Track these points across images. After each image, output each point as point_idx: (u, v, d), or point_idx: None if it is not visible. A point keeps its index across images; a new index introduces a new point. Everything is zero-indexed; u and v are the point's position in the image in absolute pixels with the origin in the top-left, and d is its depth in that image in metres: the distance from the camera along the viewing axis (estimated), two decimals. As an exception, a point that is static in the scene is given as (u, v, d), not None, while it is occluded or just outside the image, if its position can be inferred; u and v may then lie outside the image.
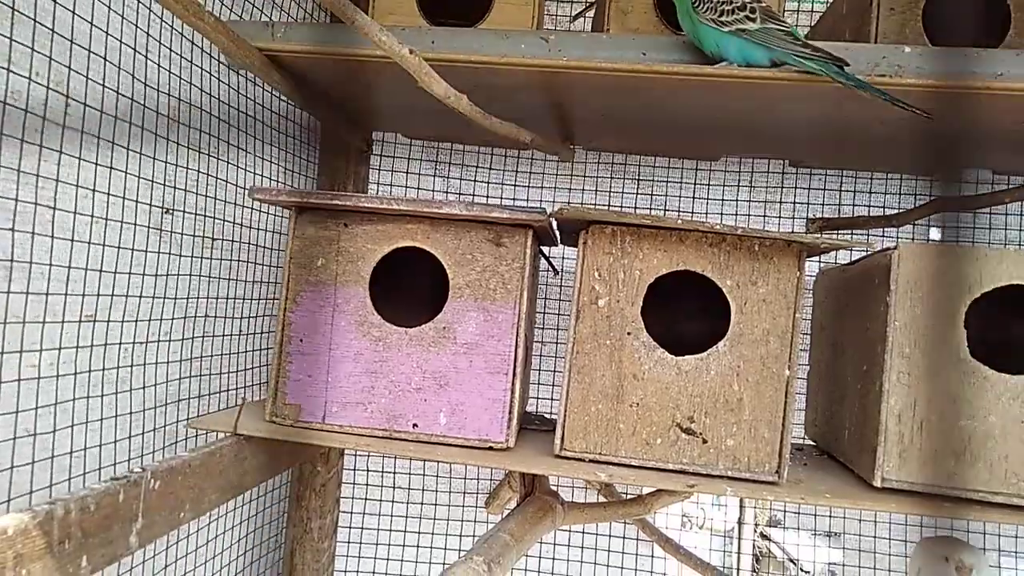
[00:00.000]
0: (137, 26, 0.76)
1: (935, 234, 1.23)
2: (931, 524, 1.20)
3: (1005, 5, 0.88)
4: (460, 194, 1.31)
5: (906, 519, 1.23)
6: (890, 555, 1.23)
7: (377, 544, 1.32)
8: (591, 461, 0.77)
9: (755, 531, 1.44)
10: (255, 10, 1.00)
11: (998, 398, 0.72)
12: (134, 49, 0.76)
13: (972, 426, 0.72)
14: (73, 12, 0.67)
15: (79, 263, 0.71)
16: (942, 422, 0.73)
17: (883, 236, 1.23)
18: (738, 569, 1.41)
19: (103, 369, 0.76)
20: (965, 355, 0.73)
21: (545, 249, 0.98)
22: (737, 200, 1.27)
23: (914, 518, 1.21)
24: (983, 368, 0.73)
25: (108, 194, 0.73)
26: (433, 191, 1.31)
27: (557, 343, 1.28)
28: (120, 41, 0.73)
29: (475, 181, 1.31)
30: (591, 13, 1.28)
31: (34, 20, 0.64)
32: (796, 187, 1.27)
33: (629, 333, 0.76)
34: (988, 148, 1.04)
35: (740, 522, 1.45)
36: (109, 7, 0.72)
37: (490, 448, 0.78)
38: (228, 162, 0.95)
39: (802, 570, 1.33)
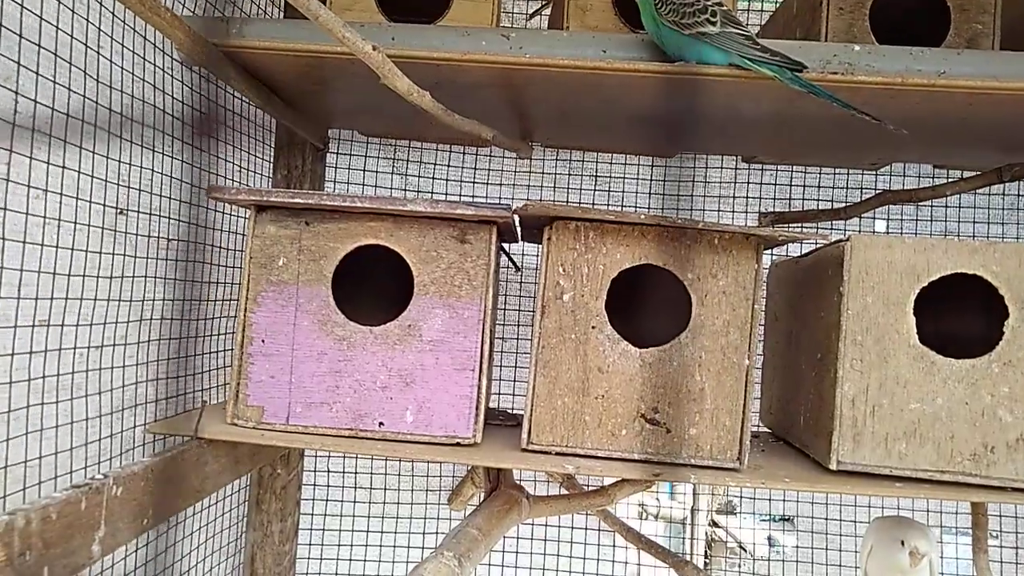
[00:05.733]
0: (88, 21, 0.74)
1: (881, 226, 1.28)
2: (880, 504, 1.24)
3: (945, 6, 0.92)
4: (418, 191, 1.30)
5: (855, 500, 1.27)
6: (841, 535, 1.28)
7: (339, 545, 1.31)
8: (558, 454, 0.78)
9: (707, 518, 1.48)
10: (208, 5, 0.98)
11: (944, 381, 0.76)
12: (86, 45, 0.73)
13: (921, 409, 0.76)
14: (21, 6, 0.65)
15: (31, 266, 0.69)
16: (893, 406, 0.76)
17: (832, 228, 1.27)
18: (692, 555, 1.44)
19: (58, 375, 0.73)
20: (914, 341, 0.76)
21: (506, 245, 0.98)
22: (692, 195, 1.30)
23: (865, 499, 1.26)
24: (930, 353, 0.76)
25: (61, 194, 0.71)
26: (391, 189, 1.31)
27: (518, 339, 1.29)
28: (71, 36, 0.71)
29: (433, 178, 1.31)
30: (547, 11, 1.28)
31: (-21, 14, 0.62)
32: (749, 182, 1.30)
33: (594, 327, 0.78)
34: (930, 143, 1.08)
35: (694, 510, 1.48)
36: (59, 1, 0.69)
37: (457, 444, 0.78)
38: (183, 161, 0.93)
39: (751, 555, 1.36)
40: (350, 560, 1.31)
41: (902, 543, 0.88)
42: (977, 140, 1.04)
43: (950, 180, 1.22)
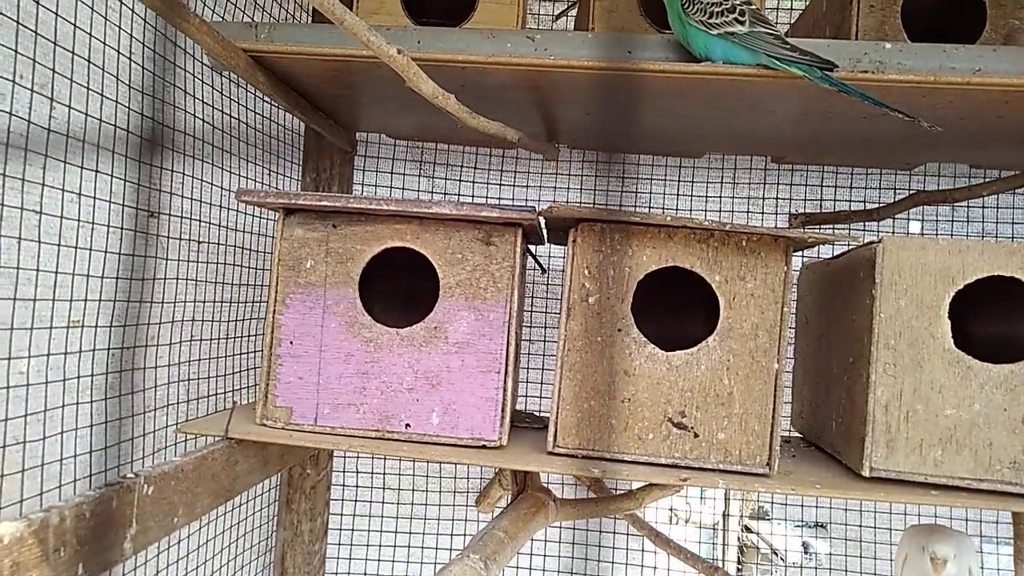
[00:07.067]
0: (120, 28, 0.75)
1: (915, 227, 1.25)
2: (916, 512, 1.22)
3: (981, 2, 0.90)
4: (445, 194, 1.31)
5: (890, 507, 1.25)
6: (875, 543, 1.25)
7: (368, 545, 1.32)
8: (584, 457, 0.77)
9: (739, 523, 1.46)
10: (236, 10, 0.99)
11: (981, 387, 0.74)
12: (118, 51, 0.75)
13: (957, 415, 0.74)
14: (56, 14, 0.67)
15: (66, 268, 0.70)
16: (928, 411, 0.74)
17: (864, 230, 1.24)
18: (724, 561, 1.42)
19: (92, 375, 0.75)
20: (949, 345, 0.74)
21: (532, 247, 0.98)
22: (721, 197, 1.29)
23: (900, 507, 1.23)
24: (967, 358, 0.74)
25: (94, 198, 0.72)
26: (418, 191, 1.31)
27: (545, 341, 1.28)
28: (104, 43, 0.73)
29: (460, 181, 1.31)
30: (573, 12, 1.28)
31: (16, 22, 0.63)
32: (779, 183, 1.28)
33: (620, 329, 0.77)
34: (966, 142, 1.06)
35: (725, 515, 1.46)
36: (92, 8, 0.71)
37: (483, 447, 0.78)
38: (213, 164, 0.95)
39: (784, 562, 1.34)
40: (379, 560, 1.32)
41: (923, 549, 0.86)
42: (1014, 139, 1.01)
43: (986, 180, 1.19)
